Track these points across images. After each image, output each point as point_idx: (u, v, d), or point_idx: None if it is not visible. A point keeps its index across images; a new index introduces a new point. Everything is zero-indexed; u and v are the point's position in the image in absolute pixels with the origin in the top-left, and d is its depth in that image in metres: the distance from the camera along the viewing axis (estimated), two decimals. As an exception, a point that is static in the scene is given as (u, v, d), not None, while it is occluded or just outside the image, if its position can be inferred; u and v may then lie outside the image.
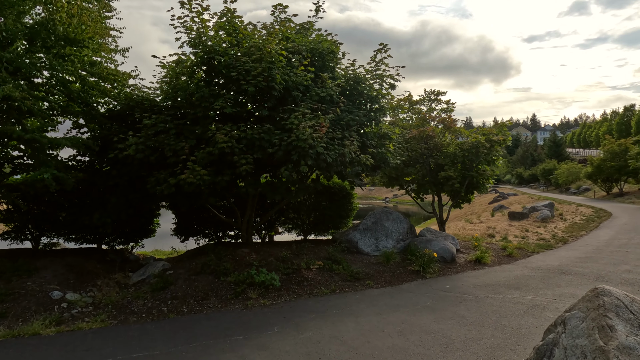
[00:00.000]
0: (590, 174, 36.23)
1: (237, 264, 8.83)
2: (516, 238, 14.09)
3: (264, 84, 7.45)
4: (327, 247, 10.16)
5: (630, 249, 11.36)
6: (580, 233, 15.18)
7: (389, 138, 9.39)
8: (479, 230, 16.25)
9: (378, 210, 11.30)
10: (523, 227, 16.82)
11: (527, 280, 8.26)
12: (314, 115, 7.63)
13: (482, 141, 10.58)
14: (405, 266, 9.47)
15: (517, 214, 19.41)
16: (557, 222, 18.56)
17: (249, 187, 8.17)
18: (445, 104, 12.42)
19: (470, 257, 10.44)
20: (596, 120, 75.17)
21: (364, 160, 8.09)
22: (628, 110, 52.09)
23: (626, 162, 31.62)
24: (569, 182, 46.40)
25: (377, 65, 9.27)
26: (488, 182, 11.74)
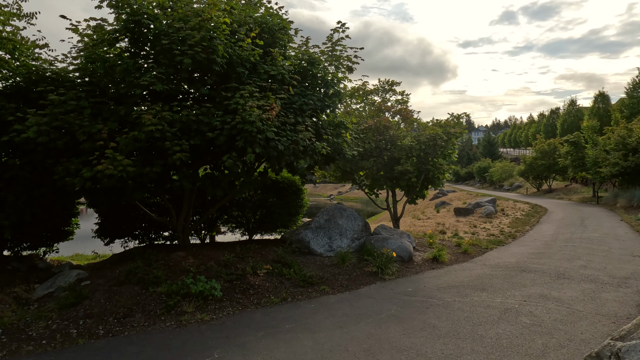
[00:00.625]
0: (523, 172, 38.10)
1: (171, 271, 7.48)
2: (467, 234, 13.86)
3: (203, 56, 6.19)
4: (276, 248, 9.07)
5: (576, 244, 11.41)
6: (525, 228, 15.33)
7: (345, 127, 8.48)
8: (429, 226, 15.94)
9: (331, 207, 10.39)
10: (470, 223, 16.77)
11: (490, 280, 7.73)
12: (263, 96, 6.51)
13: (440, 133, 10.03)
14: (362, 267, 8.64)
15: (462, 210, 19.47)
16: (500, 217, 18.82)
17: (184, 181, 6.86)
18: (400, 95, 11.82)
19: (427, 255, 9.84)
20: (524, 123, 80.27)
21: (319, 148, 7.10)
22: (553, 113, 55.86)
23: (555, 160, 33.50)
24: (503, 179, 48.76)
25: (333, 46, 8.31)
26: (444, 177, 11.28)
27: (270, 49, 7.30)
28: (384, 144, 10.80)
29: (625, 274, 7.95)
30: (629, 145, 21.03)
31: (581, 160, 27.41)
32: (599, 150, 23.31)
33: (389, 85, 11.78)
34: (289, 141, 6.65)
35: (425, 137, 10.12)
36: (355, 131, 9.60)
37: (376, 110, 10.80)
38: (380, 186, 11.20)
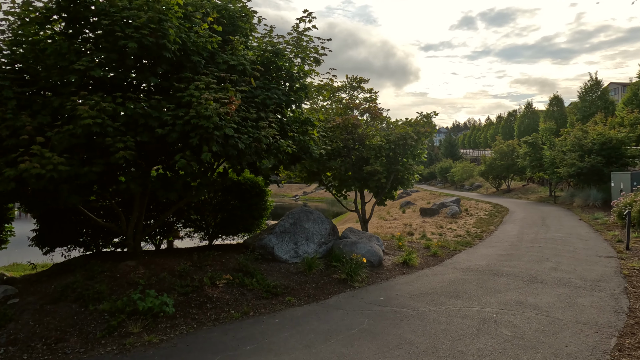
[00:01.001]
0: (483, 172, 39.02)
1: (117, 284, 6.62)
2: (434, 235, 13.63)
3: (151, 41, 5.41)
4: (238, 255, 8.35)
5: (542, 244, 11.38)
6: (490, 228, 15.33)
7: (312, 124, 7.89)
8: (397, 227, 15.65)
9: (297, 209, 9.77)
10: (437, 224, 16.64)
11: (464, 286, 7.37)
12: (221, 88, 5.80)
13: (410, 133, 9.65)
14: (330, 274, 8.07)
15: (428, 210, 19.38)
16: (465, 217, 18.87)
17: (131, 183, 6.02)
18: (369, 93, 11.38)
19: (397, 259, 9.43)
20: (483, 125, 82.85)
21: (284, 146, 6.47)
22: (511, 115, 57.85)
23: (514, 161, 34.45)
24: (464, 179, 49.89)
25: (299, 37, 7.69)
26: (413, 178, 10.93)
27: (230, 37, 6.57)
28: (352, 143, 10.30)
29: (596, 276, 7.83)
30: (585, 147, 21.73)
31: (539, 160, 28.24)
32: (557, 151, 23.99)
33: (357, 82, 11.31)
34: (250, 139, 5.98)
35: (395, 136, 9.71)
36: (322, 129, 9.02)
37: (344, 108, 10.28)
38: (348, 187, 10.70)
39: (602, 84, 35.46)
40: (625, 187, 18.26)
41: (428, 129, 9.97)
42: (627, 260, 9.18)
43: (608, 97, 35.04)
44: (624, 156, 20.77)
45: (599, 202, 20.58)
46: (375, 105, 9.97)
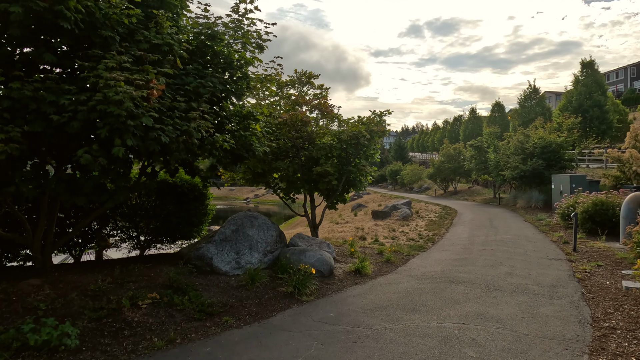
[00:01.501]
0: (432, 175, 39.73)
1: (9, 311, 5.34)
2: (387, 239, 13.13)
3: (44, 6, 4.27)
4: (169, 268, 7.24)
5: (493, 247, 11.18)
6: (441, 231, 15.12)
7: (254, 118, 6.97)
8: (348, 231, 15.03)
9: (240, 214, 8.78)
10: (389, 227, 16.23)
11: (420, 297, 6.77)
12: (140, 69, 4.76)
13: (362, 131, 8.99)
14: (276, 287, 7.18)
15: (380, 213, 19.00)
16: (416, 220, 18.67)
17: (22, 185, 4.81)
18: (319, 89, 10.63)
19: (349, 267, 8.72)
20: (430, 129, 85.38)
21: (219, 141, 5.52)
22: (457, 120, 59.83)
23: (460, 163, 35.30)
24: (413, 181, 50.74)
25: (240, 20, 6.75)
26: (366, 180, 10.30)
27: (154, 10, 5.52)
28: (301, 142, 9.48)
29: (551, 281, 7.54)
30: (527, 150, 22.39)
31: (484, 163, 28.99)
32: (501, 154, 24.61)
33: (306, 77, 10.51)
34: (177, 131, 4.98)
35: (347, 135, 9.01)
36: (268, 124, 8.12)
37: (292, 104, 9.44)
38: (297, 190, 9.87)
39: (539, 92, 37.31)
40: (565, 189, 18.89)
41: (382, 127, 9.38)
42: (577, 262, 9.07)
43: (545, 104, 36.90)
44: (563, 159, 21.60)
45: (540, 203, 21.24)
46: (326, 102, 9.22)
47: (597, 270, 8.31)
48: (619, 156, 19.51)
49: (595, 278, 7.74)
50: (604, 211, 12.39)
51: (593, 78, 30.70)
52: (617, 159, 19.50)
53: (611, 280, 7.52)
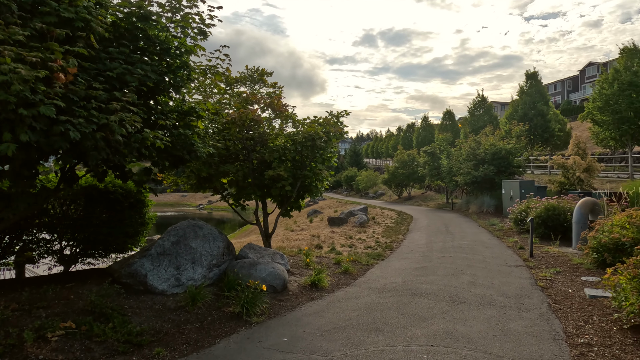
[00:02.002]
0: (386, 180, 39.94)
1: None
2: (344, 247, 12.52)
3: None
4: (91, 290, 6.12)
5: (452, 254, 10.86)
6: (399, 237, 14.75)
7: (196, 114, 6.06)
8: (304, 239, 14.28)
9: (182, 224, 7.77)
10: (346, 234, 15.66)
11: (383, 313, 6.13)
12: (40, 47, 3.77)
13: (319, 132, 8.30)
14: (221, 307, 6.28)
15: (336, 220, 18.42)
16: (373, 226, 18.26)
17: None
18: (272, 87, 9.86)
19: (305, 280, 7.97)
20: (385, 136, 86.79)
21: (150, 138, 4.59)
22: (410, 127, 61.10)
23: (414, 169, 35.71)
24: (368, 187, 50.98)
25: (178, 2, 5.84)
26: (323, 185, 9.61)
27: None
28: (252, 144, 8.63)
29: (515, 290, 7.20)
30: (478, 157, 22.80)
31: (437, 169, 29.38)
32: (454, 160, 24.94)
33: (258, 74, 9.70)
34: (92, 125, 4.01)
35: (302, 137, 8.29)
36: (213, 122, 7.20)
37: (242, 101, 8.58)
38: (247, 196, 9.00)
39: (487, 101, 38.67)
40: (515, 194, 19.27)
41: (339, 129, 8.74)
42: (536, 269, 8.88)
43: (493, 112, 38.29)
44: (512, 165, 22.16)
45: (491, 208, 21.63)
46: (279, 100, 8.44)
47: (557, 277, 8.11)
48: (563, 162, 20.25)
49: (557, 286, 7.50)
50: (556, 216, 12.50)
51: (536, 88, 32.17)
52: (562, 165, 20.23)
53: (573, 288, 7.29)
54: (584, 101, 63.56)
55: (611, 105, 23.35)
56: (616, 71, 23.71)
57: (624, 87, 22.95)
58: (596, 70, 63.81)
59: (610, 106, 23.40)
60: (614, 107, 23.24)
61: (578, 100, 64.68)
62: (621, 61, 23.76)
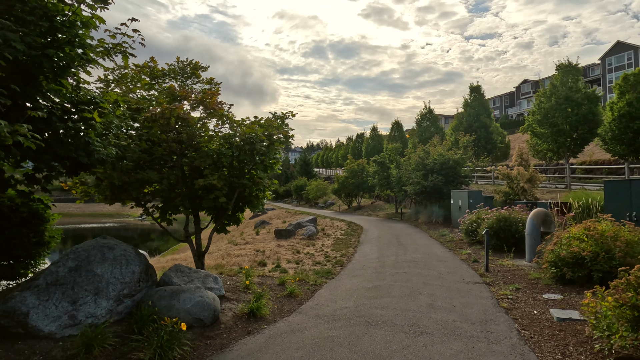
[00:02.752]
0: (336, 190, 39.30)
1: None
2: (290, 264, 11.34)
3: None
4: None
5: (406, 269, 10.06)
6: (349, 251, 13.82)
7: (95, 105, 4.68)
8: (247, 255, 12.92)
9: (87, 243, 6.24)
10: (293, 248, 14.48)
11: (333, 353, 5.02)
12: None
13: (260, 135, 7.11)
14: (127, 353, 4.86)
15: (283, 232, 17.20)
16: (322, 238, 17.24)
17: None
18: (208, 83, 8.56)
19: (242, 307, 6.70)
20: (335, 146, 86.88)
21: (4, 134, 3.19)
22: (359, 138, 61.34)
23: (364, 179, 35.35)
24: (318, 197, 50.18)
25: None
26: (264, 196, 8.40)
27: None
28: (181, 147, 7.26)
29: (478, 314, 6.40)
30: (427, 166, 22.62)
31: (387, 179, 29.08)
32: (404, 170, 24.67)
33: (191, 67, 8.35)
34: None
35: (241, 139, 7.06)
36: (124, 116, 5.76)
37: (169, 97, 7.20)
38: (175, 209, 7.59)
39: (433, 113, 39.37)
40: (464, 205, 19.12)
41: (284, 132, 7.61)
42: (495, 286, 8.23)
43: (439, 124, 39.01)
44: (460, 175, 22.18)
45: (440, 218, 21.42)
46: (213, 97, 7.14)
47: (519, 296, 7.46)
48: (508, 173, 20.48)
49: (520, 306, 6.81)
50: (507, 227, 12.15)
51: (480, 101, 33.11)
52: (507, 175, 20.44)
53: (538, 309, 6.63)
54: (520, 115, 67.49)
55: (549, 119, 24.22)
56: (553, 86, 24.71)
57: (560, 102, 23.92)
58: (530, 87, 68.07)
59: (548, 119, 24.27)
60: (551, 120, 24.13)
61: (514, 114, 68.55)
62: (558, 77, 24.80)
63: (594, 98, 23.85)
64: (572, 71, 24.57)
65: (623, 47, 54.33)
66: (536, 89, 67.83)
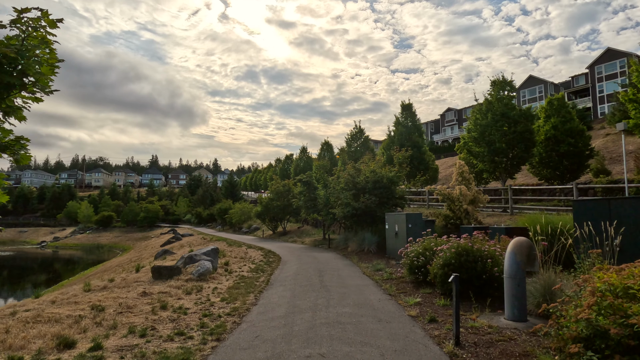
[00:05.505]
0: (260, 214, 34.42)
1: None
2: (132, 337, 6.36)
3: None
4: None
5: (325, 346, 5.64)
6: (247, 300, 9.08)
7: None
8: (69, 317, 7.60)
9: None
10: (165, 297, 9.41)
11: None
12: None
13: None
14: None
15: (164, 270, 11.99)
16: (219, 278, 12.29)
17: None
18: None
19: None
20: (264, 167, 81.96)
21: None
22: (288, 159, 57.22)
23: (290, 201, 30.95)
24: (242, 221, 44.73)
25: None
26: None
27: None
28: None
29: None
30: (359, 185, 18.80)
31: (313, 201, 24.93)
32: (331, 189, 20.66)
33: None
34: None
35: None
36: None
37: None
38: None
39: (364, 132, 36.48)
40: (401, 230, 15.37)
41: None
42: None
43: (370, 144, 36.14)
44: (394, 196, 18.61)
45: (374, 246, 17.51)
46: None
47: None
48: (449, 193, 17.25)
49: None
50: (471, 264, 8.30)
51: (412, 120, 30.67)
52: (448, 196, 17.19)
53: None
54: (444, 142, 68.12)
55: (485, 137, 21.84)
56: (489, 102, 22.56)
57: (497, 118, 21.68)
58: (454, 115, 69.39)
59: (485, 137, 21.88)
60: (488, 138, 21.75)
61: (439, 140, 69.16)
62: (493, 93, 22.72)
63: (529, 116, 21.98)
64: (506, 87, 22.65)
65: (614, 55, 49.67)
66: (459, 117, 69.48)
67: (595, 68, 53.18)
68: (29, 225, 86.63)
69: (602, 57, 52.65)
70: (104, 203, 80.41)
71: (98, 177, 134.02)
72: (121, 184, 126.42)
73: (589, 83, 54.06)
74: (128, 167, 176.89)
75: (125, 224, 71.55)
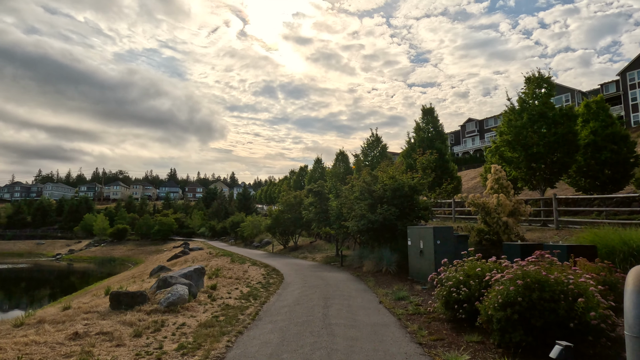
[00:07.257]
0: (270, 227, 31.71)
1: None
2: None
3: None
4: None
5: None
6: (215, 348, 6.26)
7: None
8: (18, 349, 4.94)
9: None
10: (97, 341, 6.70)
11: None
12: None
13: None
14: None
15: (126, 298, 9.28)
16: (195, 307, 9.50)
17: None
18: None
19: None
20: (280, 180, 79.71)
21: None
22: (302, 170, 54.68)
23: (301, 214, 28.16)
24: (254, 235, 42.13)
25: None
26: None
27: None
28: None
29: None
30: (375, 194, 15.90)
31: (325, 213, 22.09)
32: (344, 198, 17.81)
33: None
34: None
35: None
36: None
37: None
38: None
39: (382, 141, 33.60)
40: (427, 248, 12.37)
41: None
42: None
43: (387, 153, 33.21)
44: (417, 207, 15.61)
45: (393, 266, 14.47)
46: None
47: None
48: (484, 203, 14.16)
49: None
50: (548, 304, 5.30)
51: (433, 126, 27.69)
52: (483, 206, 14.11)
53: None
54: (465, 153, 64.51)
55: (521, 140, 18.69)
56: (523, 101, 19.46)
57: (534, 119, 18.53)
58: (474, 126, 65.87)
59: (520, 141, 18.72)
60: (524, 141, 18.59)
61: (460, 152, 65.59)
62: (528, 91, 19.63)
63: (572, 116, 18.75)
64: (543, 84, 19.54)
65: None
66: (481, 128, 65.99)
67: (627, 74, 49.28)
68: (47, 237, 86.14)
69: (634, 64, 48.78)
70: (120, 216, 79.31)
71: (116, 190, 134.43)
72: (138, 196, 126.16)
73: (621, 90, 50.09)
74: (147, 180, 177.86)
75: (139, 237, 69.96)
